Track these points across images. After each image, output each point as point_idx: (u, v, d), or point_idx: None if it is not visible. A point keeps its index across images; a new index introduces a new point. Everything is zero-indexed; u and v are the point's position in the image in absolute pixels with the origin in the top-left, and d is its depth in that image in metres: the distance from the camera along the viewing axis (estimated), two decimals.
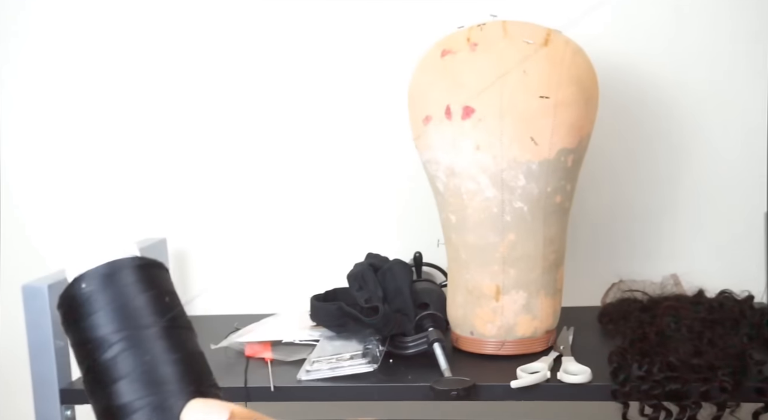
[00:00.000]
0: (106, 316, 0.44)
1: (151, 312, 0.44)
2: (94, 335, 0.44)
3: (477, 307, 1.12)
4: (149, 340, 0.44)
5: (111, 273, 0.44)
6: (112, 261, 0.45)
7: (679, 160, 1.37)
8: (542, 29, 1.10)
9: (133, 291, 0.44)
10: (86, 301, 0.45)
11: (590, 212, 1.38)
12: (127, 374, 0.43)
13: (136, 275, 0.45)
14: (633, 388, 0.99)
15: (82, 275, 0.45)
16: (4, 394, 1.56)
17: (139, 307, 0.44)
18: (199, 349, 0.46)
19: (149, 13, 1.45)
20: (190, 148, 1.47)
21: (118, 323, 0.44)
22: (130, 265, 0.45)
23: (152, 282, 0.46)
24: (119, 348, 0.43)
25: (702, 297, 1.22)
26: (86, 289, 0.44)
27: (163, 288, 0.46)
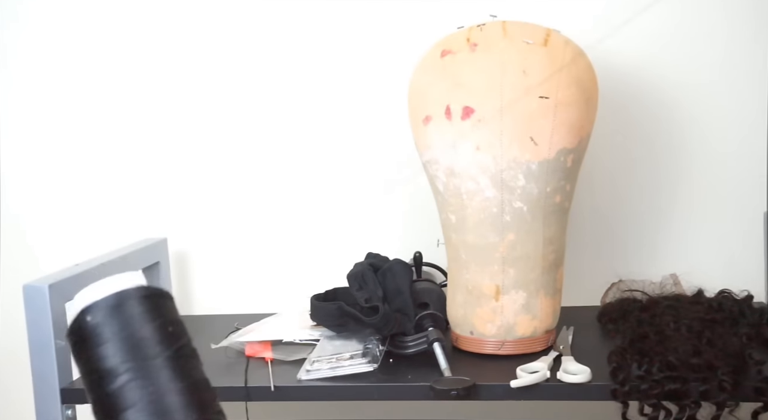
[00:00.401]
0: (113, 348, 0.44)
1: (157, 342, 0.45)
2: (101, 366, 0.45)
3: (477, 306, 1.12)
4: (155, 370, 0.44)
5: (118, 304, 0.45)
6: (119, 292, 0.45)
7: (679, 160, 1.37)
8: (542, 29, 1.10)
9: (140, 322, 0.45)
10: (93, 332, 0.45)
11: (590, 212, 1.38)
12: (133, 404, 0.44)
13: (142, 306, 0.45)
14: (632, 387, 0.99)
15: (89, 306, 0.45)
16: (4, 394, 1.56)
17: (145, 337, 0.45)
18: (204, 377, 0.47)
19: (150, 13, 1.45)
20: (190, 149, 1.47)
21: (124, 354, 0.44)
22: (136, 296, 0.45)
23: (158, 312, 0.46)
24: (126, 379, 0.44)
25: (701, 297, 1.22)
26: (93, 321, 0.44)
27: (168, 318, 0.47)
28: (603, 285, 1.33)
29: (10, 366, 1.52)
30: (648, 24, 1.35)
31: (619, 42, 1.35)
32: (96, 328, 0.45)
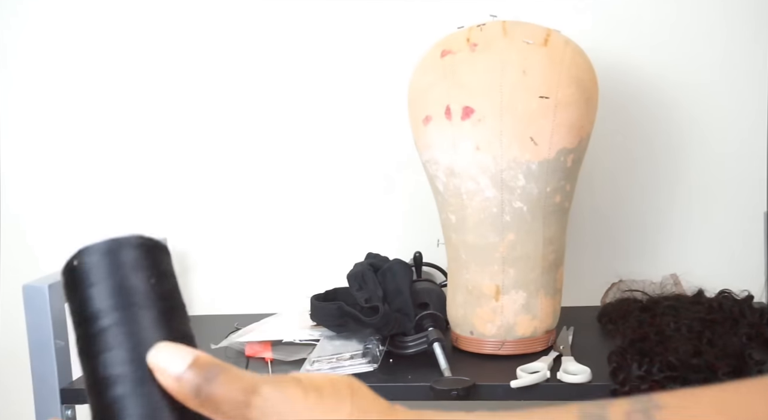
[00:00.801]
0: (101, 291, 0.46)
1: (145, 291, 0.46)
2: (88, 307, 0.46)
3: (477, 306, 1.12)
4: (140, 318, 0.46)
5: (110, 249, 0.46)
6: (114, 238, 0.46)
7: (679, 160, 1.37)
8: (542, 29, 1.10)
9: (130, 269, 0.46)
10: (84, 273, 0.46)
11: (590, 212, 1.38)
12: (112, 348, 0.45)
13: (135, 253, 0.46)
14: (633, 387, 0.99)
15: (83, 249, 0.46)
16: (4, 394, 1.56)
17: (134, 285, 0.46)
18: (189, 332, 0.48)
19: (150, 14, 1.45)
20: (190, 149, 1.47)
21: (111, 299, 0.45)
22: (130, 244, 0.47)
23: (151, 262, 0.47)
24: (109, 322, 0.45)
25: (701, 297, 1.22)
26: (85, 262, 0.46)
27: (160, 269, 0.48)
28: (603, 285, 1.33)
29: (10, 366, 1.52)
30: (648, 24, 1.35)
31: (619, 42, 1.35)
32: (87, 270, 0.46)
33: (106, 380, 0.45)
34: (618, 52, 1.34)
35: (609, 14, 1.35)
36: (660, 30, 1.35)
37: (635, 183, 1.38)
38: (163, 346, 0.45)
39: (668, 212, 1.38)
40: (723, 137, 1.35)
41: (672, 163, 1.37)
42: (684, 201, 1.37)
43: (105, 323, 0.45)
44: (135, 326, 0.45)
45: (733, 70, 1.34)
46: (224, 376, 0.44)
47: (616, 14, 1.35)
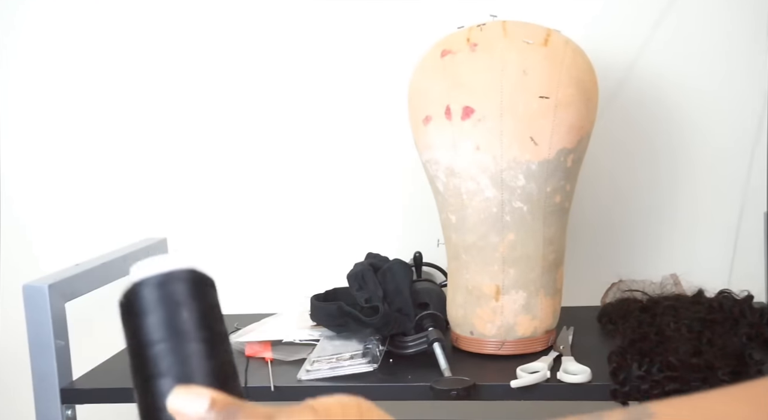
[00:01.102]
0: (154, 321, 0.50)
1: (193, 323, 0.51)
2: (141, 336, 0.50)
3: (477, 306, 1.12)
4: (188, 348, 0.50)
5: (164, 282, 0.51)
6: (168, 271, 0.52)
7: (679, 159, 1.37)
8: (542, 29, 1.10)
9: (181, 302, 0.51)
10: (139, 305, 0.51)
11: (590, 212, 1.38)
12: (162, 375, 0.49)
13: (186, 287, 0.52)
14: (632, 387, 0.99)
15: (140, 281, 0.51)
16: (4, 394, 1.56)
17: (183, 318, 0.50)
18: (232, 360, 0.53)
19: (150, 13, 1.45)
20: (190, 149, 1.47)
21: (162, 331, 0.50)
22: (182, 278, 0.52)
23: (199, 295, 0.52)
24: (159, 350, 0.50)
25: (701, 297, 1.22)
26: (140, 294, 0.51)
27: (207, 302, 0.53)
28: (603, 285, 1.33)
29: (11, 366, 1.52)
30: (648, 24, 1.35)
31: (619, 42, 1.35)
32: (141, 302, 0.50)
33: (155, 404, 0.49)
34: (618, 52, 1.34)
35: (609, 14, 1.35)
36: (660, 30, 1.35)
37: (635, 183, 1.38)
38: (179, 392, 0.48)
39: (668, 212, 1.38)
40: (723, 137, 1.35)
41: (672, 163, 1.37)
42: (684, 201, 1.37)
43: (155, 351, 0.50)
44: (183, 356, 0.50)
45: (733, 70, 1.34)
46: (243, 414, 0.47)
47: (616, 14, 1.35)
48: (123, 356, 1.29)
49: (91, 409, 1.14)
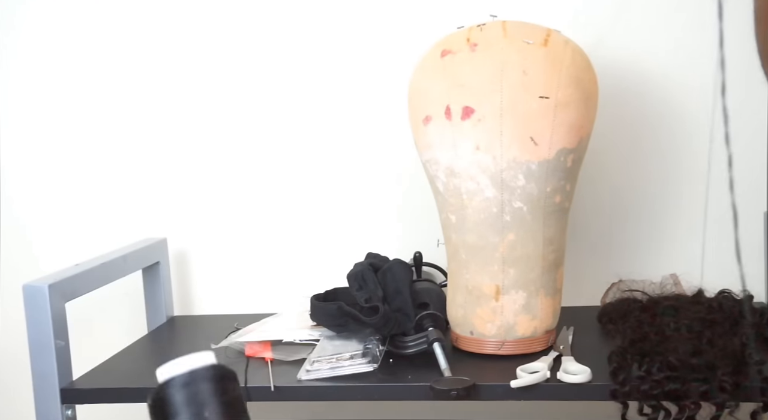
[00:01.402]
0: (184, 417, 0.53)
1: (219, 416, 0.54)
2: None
3: (477, 306, 1.12)
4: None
5: (190, 381, 0.54)
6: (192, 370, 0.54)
7: (679, 159, 1.37)
8: (542, 29, 1.10)
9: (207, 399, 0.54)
10: (168, 403, 0.54)
11: (590, 212, 1.38)
12: None
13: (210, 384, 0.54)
14: (633, 387, 0.99)
15: (167, 381, 0.54)
16: (4, 394, 1.56)
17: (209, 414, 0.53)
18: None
19: (150, 14, 1.45)
20: (190, 149, 1.47)
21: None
22: (206, 376, 0.54)
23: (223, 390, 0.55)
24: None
25: (701, 297, 1.22)
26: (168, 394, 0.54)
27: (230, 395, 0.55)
28: (603, 285, 1.33)
29: (10, 366, 1.52)
30: (648, 24, 1.35)
31: (619, 42, 1.35)
32: (170, 401, 0.53)
33: None
34: (618, 52, 1.34)
35: (609, 14, 1.35)
36: (661, 30, 1.35)
37: (635, 183, 1.38)
38: None
39: (668, 212, 1.38)
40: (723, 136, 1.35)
41: (672, 163, 1.37)
42: (684, 201, 1.38)
43: None
44: None
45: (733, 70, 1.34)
46: None
47: (616, 14, 1.35)
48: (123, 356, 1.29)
49: (91, 409, 1.14)
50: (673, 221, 1.38)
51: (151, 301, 1.40)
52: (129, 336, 1.36)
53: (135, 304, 1.45)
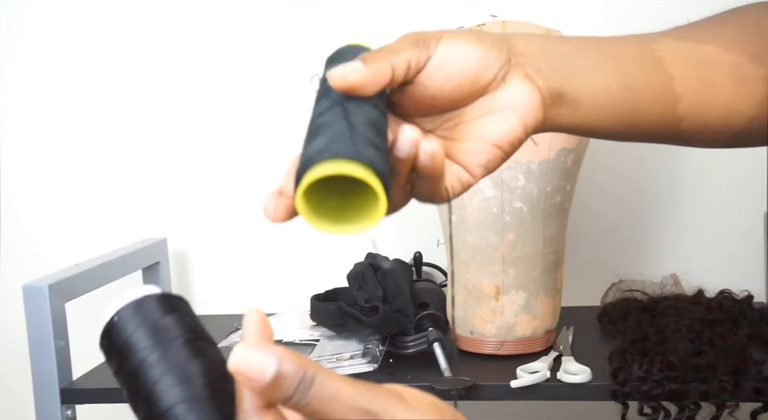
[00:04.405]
0: (137, 337, 0.50)
1: (176, 328, 0.51)
2: (128, 354, 0.50)
3: (477, 307, 1.12)
4: (175, 348, 0.50)
5: (139, 303, 0.51)
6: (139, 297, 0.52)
7: (679, 159, 1.37)
8: (542, 29, 1.10)
9: (158, 314, 0.51)
10: (120, 330, 0.51)
11: (590, 212, 1.38)
12: (161, 376, 0.49)
13: (160, 303, 0.52)
14: (633, 388, 0.99)
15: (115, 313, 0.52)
16: (5, 394, 1.56)
17: (164, 325, 0.51)
18: (221, 356, 0.52)
19: (149, 14, 1.45)
20: (190, 149, 1.47)
21: (147, 340, 0.50)
22: (154, 297, 0.52)
23: (175, 307, 0.52)
24: (153, 359, 0.49)
25: (701, 297, 1.22)
26: (118, 321, 0.51)
27: (184, 311, 0.53)
28: (603, 285, 1.33)
29: (10, 366, 1.52)
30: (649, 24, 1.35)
31: None
32: (121, 327, 0.51)
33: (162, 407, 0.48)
34: None
35: (609, 14, 1.35)
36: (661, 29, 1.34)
37: (635, 183, 1.38)
38: (241, 350, 0.44)
39: (668, 212, 1.38)
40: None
41: (672, 163, 1.37)
42: (684, 201, 1.37)
43: (149, 361, 0.49)
44: (176, 356, 0.49)
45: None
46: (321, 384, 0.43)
47: (617, 14, 1.35)
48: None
49: (91, 409, 1.14)
50: (673, 221, 1.38)
51: None
52: None
53: None
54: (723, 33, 0.65)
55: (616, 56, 0.62)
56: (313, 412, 0.43)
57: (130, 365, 0.50)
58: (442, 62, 0.57)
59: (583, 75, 0.61)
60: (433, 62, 0.57)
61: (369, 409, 0.43)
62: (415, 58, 0.57)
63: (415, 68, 0.57)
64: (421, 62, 0.57)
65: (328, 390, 0.43)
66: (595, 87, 0.61)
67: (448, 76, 0.57)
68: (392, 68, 0.55)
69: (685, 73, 0.63)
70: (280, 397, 0.43)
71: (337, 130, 0.56)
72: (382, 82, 0.55)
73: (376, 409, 0.43)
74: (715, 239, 1.37)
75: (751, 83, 0.64)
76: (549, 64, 0.60)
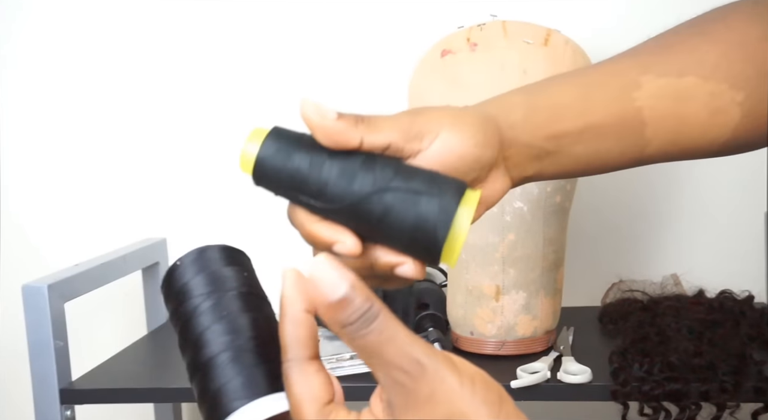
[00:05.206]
0: (195, 282, 0.52)
1: (233, 279, 0.53)
2: (184, 298, 0.52)
3: (477, 307, 1.12)
4: (229, 299, 0.52)
5: (200, 251, 0.54)
6: (202, 247, 0.55)
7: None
8: (542, 29, 1.10)
9: (218, 264, 0.53)
10: (180, 274, 0.53)
11: (590, 212, 1.38)
12: (212, 323, 0.50)
13: (221, 253, 0.54)
14: (633, 388, 0.99)
15: (177, 260, 0.54)
16: (4, 394, 1.56)
17: (222, 275, 0.53)
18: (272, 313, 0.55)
19: (148, 15, 1.45)
20: (190, 148, 1.47)
21: (204, 287, 0.52)
22: (216, 248, 0.55)
23: (234, 259, 0.55)
24: (204, 306, 0.51)
25: (702, 297, 1.22)
26: (180, 264, 0.54)
27: (243, 265, 0.55)
28: (603, 285, 1.33)
29: (10, 366, 1.52)
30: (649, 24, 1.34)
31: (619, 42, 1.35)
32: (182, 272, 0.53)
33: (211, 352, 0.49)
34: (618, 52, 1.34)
35: (609, 14, 1.35)
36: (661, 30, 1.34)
37: (635, 183, 1.38)
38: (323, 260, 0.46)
39: (668, 212, 1.38)
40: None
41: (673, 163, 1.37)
42: (684, 201, 1.37)
43: (202, 308, 0.51)
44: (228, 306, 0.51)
45: None
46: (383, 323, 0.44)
47: (617, 14, 1.35)
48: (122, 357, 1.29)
49: (91, 409, 1.14)
50: (673, 221, 1.38)
51: (150, 302, 1.40)
52: (128, 336, 1.36)
53: (134, 305, 1.45)
54: (708, 57, 0.67)
55: (597, 120, 0.64)
56: (365, 347, 0.44)
57: (185, 309, 0.51)
58: (439, 154, 0.57)
59: (558, 159, 0.63)
60: (428, 154, 0.57)
61: (420, 361, 0.44)
62: (399, 146, 0.56)
63: (398, 153, 0.57)
64: (406, 152, 0.57)
65: (389, 329, 0.44)
66: (565, 164, 0.64)
67: (441, 166, 0.57)
68: (360, 140, 0.55)
69: (660, 117, 0.65)
70: (343, 321, 0.44)
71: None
72: (342, 143, 0.55)
73: (427, 363, 0.44)
74: (716, 239, 1.37)
75: (727, 110, 0.66)
76: (530, 157, 0.62)
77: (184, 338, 0.51)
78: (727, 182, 1.36)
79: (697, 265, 1.34)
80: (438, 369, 0.44)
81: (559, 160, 0.63)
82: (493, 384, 0.46)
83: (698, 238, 1.37)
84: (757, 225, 1.34)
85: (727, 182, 1.36)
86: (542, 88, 0.67)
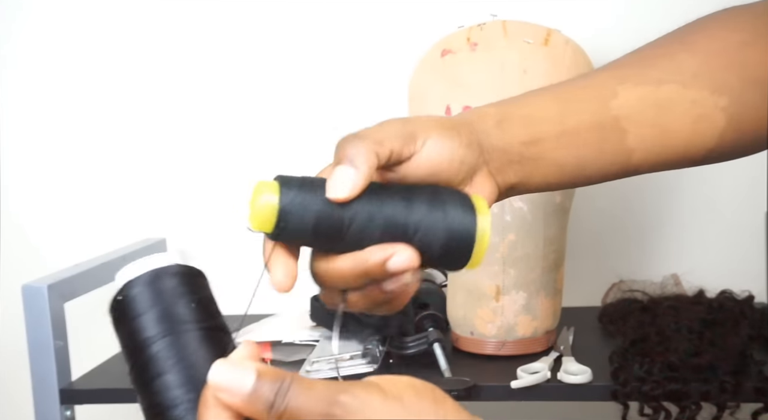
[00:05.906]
0: (148, 320, 0.48)
1: (189, 315, 0.49)
2: (137, 337, 0.48)
3: (477, 307, 1.12)
4: (186, 340, 0.48)
5: (153, 280, 0.49)
6: (155, 269, 0.50)
7: None
8: (542, 29, 1.10)
9: (173, 297, 0.49)
10: (130, 306, 0.49)
11: (590, 212, 1.38)
12: (165, 372, 0.47)
13: (175, 282, 0.50)
14: (633, 388, 0.99)
15: (127, 283, 0.49)
16: (4, 394, 1.56)
17: (177, 311, 0.49)
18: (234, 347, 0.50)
19: (148, 15, 1.45)
20: (190, 148, 1.47)
21: (157, 325, 0.48)
22: (170, 273, 0.50)
23: (190, 288, 0.50)
24: (159, 348, 0.48)
25: (702, 297, 1.22)
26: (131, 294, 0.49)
27: (200, 294, 0.51)
28: (603, 285, 1.33)
29: (9, 366, 1.52)
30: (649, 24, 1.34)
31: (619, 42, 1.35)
32: (132, 302, 0.49)
33: (161, 405, 0.47)
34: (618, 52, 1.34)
35: (609, 14, 1.35)
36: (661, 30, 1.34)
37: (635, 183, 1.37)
38: (220, 366, 0.44)
39: (668, 212, 1.38)
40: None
41: None
42: (684, 201, 1.37)
43: (154, 350, 0.47)
44: (183, 350, 0.48)
45: None
46: (298, 387, 0.43)
47: (617, 14, 1.35)
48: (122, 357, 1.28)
49: (91, 409, 1.14)
50: (673, 221, 1.38)
51: None
52: None
53: None
54: (688, 65, 0.67)
55: (573, 126, 0.64)
56: (292, 414, 0.43)
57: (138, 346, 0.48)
58: (428, 158, 0.59)
59: (540, 166, 0.64)
60: (421, 157, 0.59)
61: (339, 399, 0.43)
62: (398, 151, 0.58)
63: (396, 159, 0.58)
64: (403, 155, 0.58)
65: (304, 387, 0.43)
66: (548, 172, 0.64)
67: (429, 170, 0.59)
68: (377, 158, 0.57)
69: (641, 125, 0.65)
70: (265, 406, 0.43)
71: None
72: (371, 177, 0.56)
73: (346, 398, 0.43)
74: (716, 239, 1.37)
75: (710, 116, 0.66)
76: (509, 162, 0.63)
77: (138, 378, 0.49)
78: (727, 182, 1.36)
79: (697, 265, 1.34)
80: (357, 397, 0.44)
81: (541, 167, 0.64)
82: (424, 391, 0.46)
83: (698, 238, 1.37)
84: (757, 225, 1.34)
85: (727, 182, 1.36)
86: (517, 99, 0.68)
